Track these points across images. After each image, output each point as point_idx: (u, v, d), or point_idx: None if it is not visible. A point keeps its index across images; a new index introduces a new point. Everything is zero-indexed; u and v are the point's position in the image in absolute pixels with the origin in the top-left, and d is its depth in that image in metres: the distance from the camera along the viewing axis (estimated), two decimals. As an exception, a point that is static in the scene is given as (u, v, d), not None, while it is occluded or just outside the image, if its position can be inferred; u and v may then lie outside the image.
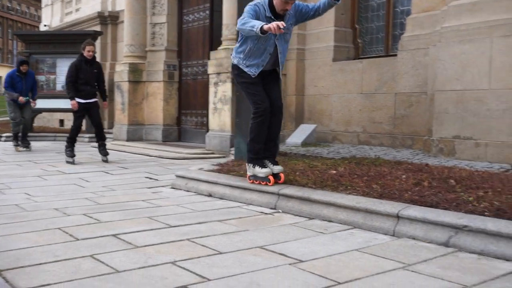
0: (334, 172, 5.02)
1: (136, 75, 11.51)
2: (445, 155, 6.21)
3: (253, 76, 4.64)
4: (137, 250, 3.19)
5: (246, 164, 4.84)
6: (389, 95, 7.69)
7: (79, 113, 7.90)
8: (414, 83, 7.33)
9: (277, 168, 4.69)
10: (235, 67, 4.79)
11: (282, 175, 4.69)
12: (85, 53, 7.80)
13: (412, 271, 2.77)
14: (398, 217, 3.52)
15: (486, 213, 3.31)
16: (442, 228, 3.28)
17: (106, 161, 8.00)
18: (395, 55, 7.70)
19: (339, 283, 2.59)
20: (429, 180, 4.41)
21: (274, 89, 4.81)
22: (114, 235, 3.53)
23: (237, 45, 4.77)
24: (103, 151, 8.10)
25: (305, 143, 8.16)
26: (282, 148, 7.49)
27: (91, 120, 8.19)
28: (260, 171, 4.66)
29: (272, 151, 4.84)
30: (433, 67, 6.56)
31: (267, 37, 4.47)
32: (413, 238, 3.38)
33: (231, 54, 4.87)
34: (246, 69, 4.66)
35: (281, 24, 4.10)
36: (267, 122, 4.66)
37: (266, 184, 4.60)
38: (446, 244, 3.19)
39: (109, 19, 14.39)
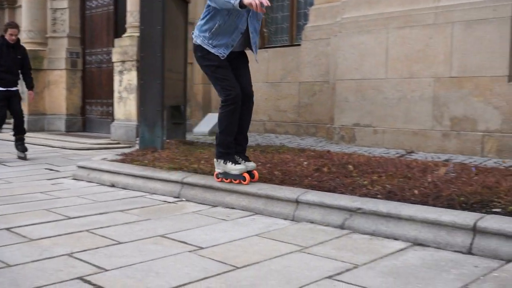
0: (239, 160, 5.07)
1: (36, 62, 10.99)
2: (346, 142, 6.45)
3: (222, 58, 4.02)
4: (31, 243, 3.08)
5: (215, 160, 4.21)
6: (294, 84, 7.86)
7: (1, 102, 7.00)
8: (317, 73, 7.54)
9: (251, 165, 4.14)
10: (198, 48, 4.12)
11: (256, 172, 4.16)
12: (7, 37, 6.99)
13: (308, 253, 2.86)
14: (297, 202, 3.62)
15: (378, 196, 3.49)
16: (338, 211, 3.41)
17: (24, 158, 7.09)
18: (299, 45, 7.87)
19: (237, 268, 2.63)
20: (329, 166, 4.56)
21: (244, 74, 4.25)
22: (7, 229, 3.38)
23: (201, 22, 4.10)
24: (21, 146, 7.19)
25: (212, 132, 8.16)
26: (188, 137, 7.47)
27: (10, 111, 7.18)
28: (233, 168, 4.06)
29: (243, 145, 4.27)
30: (334, 57, 6.78)
31: (240, 13, 3.94)
32: (311, 222, 3.49)
33: (192, 33, 4.20)
34: (212, 50, 4.01)
35: (265, 1, 3.66)
36: (239, 110, 4.09)
37: (240, 183, 4.03)
38: (341, 226, 3.33)
39: (6, 3, 13.61)
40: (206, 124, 8.39)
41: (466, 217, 2.91)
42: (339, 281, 2.43)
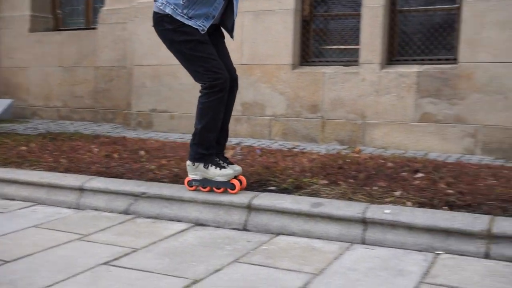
0: (25, 148, 4.76)
1: None
2: (143, 128, 6.42)
3: (202, 32, 3.09)
4: None
5: (189, 163, 3.24)
6: (90, 69, 7.58)
7: None
8: (115, 57, 7.35)
9: (237, 169, 3.27)
10: (166, 20, 3.12)
11: (243, 178, 3.28)
12: None
13: (88, 241, 2.78)
14: (81, 189, 3.50)
15: (164, 180, 3.52)
16: (123, 196, 3.37)
17: None
18: (96, 28, 7.60)
19: (7, 262, 2.46)
20: (120, 152, 4.50)
21: (224, 54, 3.33)
22: None
23: None
24: None
25: (0, 120, 7.55)
26: (-29, 125, 6.81)
27: None
28: (218, 174, 3.15)
29: (222, 143, 3.37)
30: (131, 42, 6.67)
31: None
32: (96, 209, 3.40)
33: (155, 0, 3.20)
34: (190, 22, 3.07)
35: None
36: (226, 99, 3.21)
37: (225, 191, 3.16)
38: (126, 212, 3.29)
39: None
40: (-7, 111, 7.72)
41: (242, 196, 3.07)
42: (115, 266, 2.40)
